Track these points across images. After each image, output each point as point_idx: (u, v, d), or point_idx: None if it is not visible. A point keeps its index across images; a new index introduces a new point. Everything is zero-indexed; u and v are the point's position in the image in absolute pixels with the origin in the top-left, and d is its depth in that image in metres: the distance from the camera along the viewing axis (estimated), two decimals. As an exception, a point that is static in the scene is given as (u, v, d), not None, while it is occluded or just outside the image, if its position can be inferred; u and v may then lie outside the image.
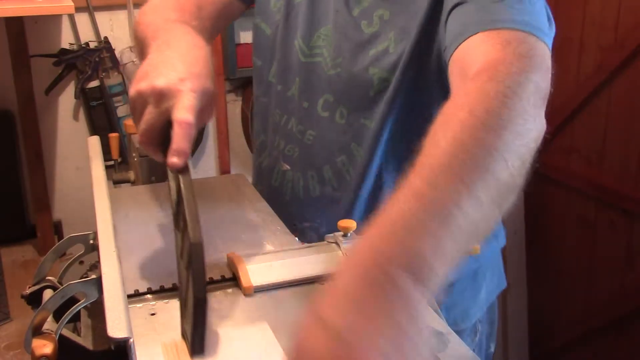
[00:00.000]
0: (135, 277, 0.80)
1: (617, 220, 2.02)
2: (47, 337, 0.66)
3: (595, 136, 2.04)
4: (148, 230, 0.94)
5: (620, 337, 2.08)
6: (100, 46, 2.10)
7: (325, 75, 1.01)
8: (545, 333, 2.34)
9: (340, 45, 0.99)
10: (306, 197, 1.06)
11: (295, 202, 1.08)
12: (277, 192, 1.11)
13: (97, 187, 0.85)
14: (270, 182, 1.13)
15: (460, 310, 1.10)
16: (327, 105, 1.03)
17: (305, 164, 1.07)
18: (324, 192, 1.05)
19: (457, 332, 1.08)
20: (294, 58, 1.05)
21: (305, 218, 1.06)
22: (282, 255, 0.82)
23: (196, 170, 2.39)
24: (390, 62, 0.94)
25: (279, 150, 1.11)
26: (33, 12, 1.84)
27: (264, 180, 1.15)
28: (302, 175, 1.07)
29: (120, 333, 0.54)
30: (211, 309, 0.74)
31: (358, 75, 0.97)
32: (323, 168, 1.05)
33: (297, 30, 1.04)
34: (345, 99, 1.00)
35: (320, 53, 1.02)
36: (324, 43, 1.02)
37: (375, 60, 0.95)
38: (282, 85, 1.08)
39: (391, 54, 0.94)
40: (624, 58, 1.89)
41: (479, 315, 1.14)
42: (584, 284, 2.18)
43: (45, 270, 0.84)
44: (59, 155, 2.19)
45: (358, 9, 0.98)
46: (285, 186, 1.09)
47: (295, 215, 1.06)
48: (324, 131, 1.04)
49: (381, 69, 0.95)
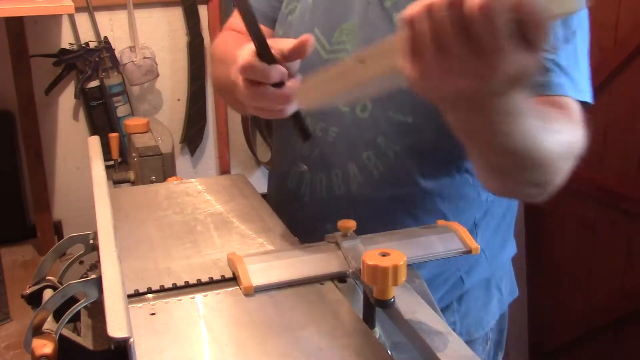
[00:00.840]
0: (135, 277, 0.80)
1: (617, 220, 2.02)
2: (47, 337, 0.66)
3: (595, 136, 2.03)
4: (148, 230, 0.95)
5: (620, 337, 2.08)
6: (100, 46, 2.10)
7: None
8: (545, 333, 2.34)
9: (371, 38, 0.93)
10: (330, 197, 1.04)
11: (315, 203, 1.05)
12: (293, 194, 1.08)
13: (97, 187, 0.85)
14: (286, 185, 1.10)
15: (474, 320, 1.10)
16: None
17: (327, 162, 1.04)
18: (350, 190, 1.02)
19: (470, 342, 1.10)
20: (313, 56, 0.97)
21: (329, 219, 0.99)
22: (282, 255, 0.82)
23: (196, 170, 2.39)
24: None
25: (295, 152, 1.07)
26: (33, 12, 1.84)
27: (280, 185, 1.13)
28: (324, 174, 1.04)
29: (120, 333, 0.54)
30: (211, 308, 0.74)
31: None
32: (348, 165, 1.02)
33: (314, 27, 1.01)
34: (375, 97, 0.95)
35: (344, 49, 0.99)
36: (347, 38, 0.98)
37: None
38: None
39: None
40: (624, 58, 1.88)
41: (491, 324, 1.14)
42: (584, 284, 2.18)
43: (45, 270, 0.84)
44: (59, 155, 2.19)
45: (390, 1, 0.95)
46: (304, 188, 1.06)
47: (317, 217, 1.03)
48: (347, 127, 1.01)
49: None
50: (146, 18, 2.18)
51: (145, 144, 1.56)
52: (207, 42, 2.27)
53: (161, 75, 2.21)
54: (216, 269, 0.82)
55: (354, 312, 0.73)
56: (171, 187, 1.12)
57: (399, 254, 0.66)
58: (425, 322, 0.68)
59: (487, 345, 1.15)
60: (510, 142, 0.71)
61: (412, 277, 0.84)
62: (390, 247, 0.73)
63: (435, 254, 0.84)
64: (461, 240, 0.86)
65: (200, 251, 0.87)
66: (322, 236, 0.96)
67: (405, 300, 0.71)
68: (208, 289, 0.78)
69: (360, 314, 0.73)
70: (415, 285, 0.81)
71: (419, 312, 0.70)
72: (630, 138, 1.92)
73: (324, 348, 0.66)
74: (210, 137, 2.38)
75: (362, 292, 0.74)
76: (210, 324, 0.70)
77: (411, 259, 0.82)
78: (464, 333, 1.10)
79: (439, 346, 0.64)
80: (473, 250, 0.85)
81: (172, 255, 0.86)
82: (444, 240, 0.86)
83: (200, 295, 0.76)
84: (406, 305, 0.71)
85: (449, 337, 0.65)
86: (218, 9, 2.24)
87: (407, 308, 0.70)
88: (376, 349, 0.66)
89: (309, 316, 0.72)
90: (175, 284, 0.78)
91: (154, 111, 2.27)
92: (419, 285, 0.84)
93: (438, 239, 0.86)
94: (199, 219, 0.98)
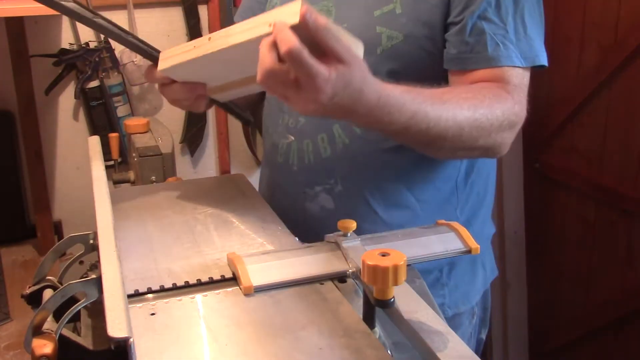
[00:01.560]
0: (135, 277, 0.80)
1: (617, 220, 2.02)
2: (47, 337, 0.66)
3: (595, 136, 2.04)
4: (148, 230, 0.95)
5: (620, 337, 2.08)
6: (100, 46, 2.10)
7: None
8: (545, 333, 2.34)
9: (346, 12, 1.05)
10: (317, 161, 1.10)
11: (304, 170, 1.12)
12: (283, 167, 1.15)
13: (97, 187, 0.85)
14: (275, 160, 1.17)
15: (462, 293, 1.18)
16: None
17: (313, 129, 1.10)
18: (336, 150, 1.09)
19: (458, 314, 1.19)
20: None
21: (317, 182, 1.11)
22: (282, 255, 0.82)
23: (196, 170, 2.39)
24: (399, 23, 1.00)
25: (283, 126, 1.15)
26: (33, 12, 1.83)
27: (270, 162, 1.21)
28: (311, 141, 1.10)
29: (120, 333, 0.54)
30: (211, 308, 0.74)
31: (365, 34, 0.98)
32: (333, 127, 1.09)
33: None
34: None
35: None
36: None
37: (383, 20, 1.01)
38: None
39: (399, 15, 1.01)
40: (624, 58, 1.88)
41: (477, 298, 1.22)
42: (584, 284, 2.18)
43: (45, 270, 0.84)
44: (59, 155, 2.19)
45: None
46: (292, 157, 1.13)
47: (307, 182, 1.12)
48: None
49: (389, 28, 1.01)
50: (146, 18, 2.18)
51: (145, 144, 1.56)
52: (207, 42, 2.27)
53: (161, 75, 2.21)
54: (216, 269, 0.82)
55: (354, 312, 0.73)
56: (171, 187, 1.12)
57: (399, 254, 0.66)
58: (425, 322, 0.68)
59: (473, 319, 1.23)
60: (411, 131, 0.88)
61: (412, 277, 0.84)
62: (390, 247, 0.73)
63: (435, 254, 0.85)
64: (461, 240, 0.86)
65: (200, 251, 0.87)
66: (311, 200, 1.11)
67: (405, 300, 0.71)
68: (208, 289, 0.78)
69: (360, 314, 0.73)
70: (415, 285, 0.81)
71: (419, 312, 0.70)
72: (630, 138, 1.92)
73: (324, 348, 0.66)
74: (210, 137, 2.38)
75: (362, 292, 0.74)
76: (210, 324, 0.70)
77: (411, 259, 0.82)
78: (452, 306, 1.18)
79: (439, 346, 0.64)
80: (473, 250, 0.85)
81: (172, 255, 0.86)
82: (444, 240, 0.86)
83: (200, 295, 0.76)
84: (406, 305, 0.71)
85: (449, 337, 0.65)
86: (218, 9, 2.24)
87: (407, 308, 0.70)
88: (376, 349, 0.66)
89: (309, 316, 0.72)
90: (175, 284, 0.78)
91: (154, 111, 2.27)
92: (419, 285, 0.84)
93: (438, 239, 0.86)
94: (199, 219, 0.98)
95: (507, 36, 0.99)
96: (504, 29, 0.99)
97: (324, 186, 1.11)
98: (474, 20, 0.99)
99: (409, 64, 1.03)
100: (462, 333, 1.24)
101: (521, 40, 1.00)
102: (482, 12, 0.98)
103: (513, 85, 0.99)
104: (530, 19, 1.03)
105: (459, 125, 0.91)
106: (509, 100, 0.97)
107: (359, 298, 0.76)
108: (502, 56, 0.98)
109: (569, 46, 2.05)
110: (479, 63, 0.99)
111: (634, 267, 1.99)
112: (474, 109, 0.92)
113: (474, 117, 0.92)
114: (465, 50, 0.99)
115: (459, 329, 1.22)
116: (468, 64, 1.00)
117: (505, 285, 2.31)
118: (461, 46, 1.00)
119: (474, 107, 0.92)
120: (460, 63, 1.01)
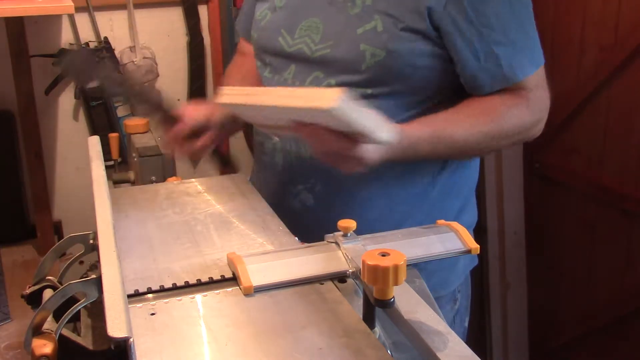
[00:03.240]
0: (135, 277, 0.80)
1: (617, 220, 2.02)
2: (47, 337, 0.66)
3: (595, 136, 2.04)
4: (148, 230, 0.95)
5: (620, 337, 2.08)
6: (100, 46, 2.10)
7: (312, 57, 1.12)
8: (545, 333, 2.34)
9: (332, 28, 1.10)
10: (298, 161, 1.16)
11: (287, 168, 1.18)
12: (270, 165, 1.22)
13: (97, 187, 0.85)
14: (262, 158, 1.25)
15: (440, 278, 1.21)
16: (316, 81, 1.13)
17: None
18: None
19: (437, 298, 1.23)
20: (280, 51, 1.17)
21: (299, 181, 1.17)
22: (282, 255, 0.82)
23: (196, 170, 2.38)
24: (380, 40, 1.05)
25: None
26: (33, 12, 1.84)
27: (258, 159, 1.29)
28: (293, 142, 1.16)
29: (120, 333, 0.54)
30: (211, 308, 0.74)
31: (350, 52, 1.07)
32: None
33: (280, 29, 1.17)
34: (334, 74, 1.10)
35: (303, 42, 1.13)
36: (306, 33, 1.13)
37: (365, 37, 1.06)
38: (278, 76, 1.18)
39: (380, 33, 1.05)
40: (624, 58, 1.88)
41: (457, 284, 1.26)
42: (584, 284, 2.18)
43: (45, 270, 0.84)
44: (59, 155, 2.19)
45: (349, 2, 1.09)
46: (277, 156, 1.19)
47: (290, 181, 1.18)
48: None
49: (372, 45, 1.05)
50: (146, 18, 2.18)
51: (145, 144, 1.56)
52: (207, 42, 2.27)
53: (161, 75, 2.22)
54: (216, 269, 0.82)
55: (354, 312, 0.73)
56: (171, 187, 1.12)
57: (399, 253, 0.66)
58: (425, 322, 0.68)
59: (455, 305, 1.27)
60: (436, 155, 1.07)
61: (412, 277, 0.84)
62: (390, 247, 0.73)
63: (435, 254, 0.85)
64: (461, 240, 0.86)
65: (200, 251, 0.87)
66: (293, 197, 1.18)
67: (405, 300, 0.71)
68: (208, 289, 0.78)
69: (360, 314, 0.73)
70: (415, 285, 0.81)
71: (419, 312, 0.70)
72: (630, 138, 1.92)
73: (324, 348, 0.66)
74: (210, 137, 2.37)
75: (362, 292, 0.74)
76: (210, 324, 0.71)
77: (411, 259, 0.82)
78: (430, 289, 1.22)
79: (439, 346, 0.64)
80: (473, 250, 0.85)
81: (172, 255, 0.86)
82: (443, 240, 0.86)
83: (200, 295, 0.76)
84: (406, 305, 0.71)
85: (449, 337, 0.65)
86: (218, 9, 2.24)
87: (407, 308, 0.70)
88: (376, 349, 0.66)
89: (309, 316, 0.72)
90: (175, 284, 0.78)
91: (154, 111, 2.27)
92: (419, 285, 0.84)
93: (438, 239, 0.86)
94: (199, 219, 0.98)
95: (516, 50, 1.05)
96: (512, 45, 1.05)
97: (305, 185, 1.16)
98: (483, 46, 1.04)
99: (395, 77, 1.07)
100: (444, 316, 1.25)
101: (529, 48, 1.08)
102: (488, 37, 1.04)
103: (529, 90, 1.08)
104: (528, 21, 1.07)
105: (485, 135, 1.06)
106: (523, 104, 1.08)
107: (359, 298, 0.76)
108: (518, 72, 1.06)
109: (569, 46, 2.05)
110: (495, 85, 1.07)
111: (634, 267, 1.99)
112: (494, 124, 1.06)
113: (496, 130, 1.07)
114: (480, 76, 1.06)
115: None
116: (486, 88, 1.07)
117: (505, 285, 2.31)
118: (476, 72, 1.06)
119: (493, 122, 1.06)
120: (478, 89, 1.07)
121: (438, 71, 1.08)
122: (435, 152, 1.04)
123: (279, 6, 1.19)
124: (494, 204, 2.22)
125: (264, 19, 1.21)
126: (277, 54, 1.18)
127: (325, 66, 1.11)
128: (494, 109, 1.07)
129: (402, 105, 1.09)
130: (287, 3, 1.18)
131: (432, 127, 1.03)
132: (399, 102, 1.09)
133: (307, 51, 1.12)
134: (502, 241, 2.27)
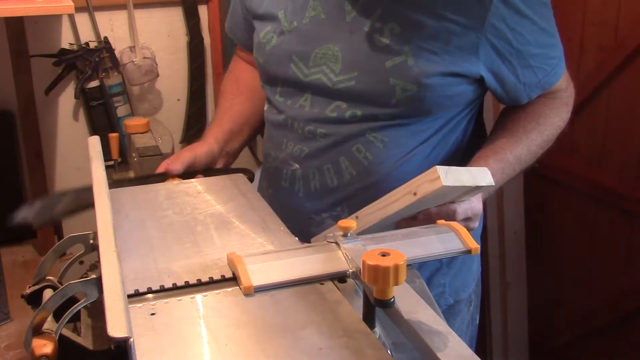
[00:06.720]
0: (135, 277, 0.80)
1: (617, 220, 2.02)
2: (47, 337, 0.66)
3: (595, 136, 2.04)
4: (148, 230, 0.95)
5: (620, 337, 2.08)
6: (100, 46, 2.10)
7: (334, 88, 1.08)
8: (545, 333, 2.34)
9: (357, 60, 1.06)
10: (323, 190, 1.14)
11: (310, 197, 1.15)
12: (288, 191, 1.18)
13: (97, 187, 0.85)
14: (280, 184, 1.19)
15: (461, 280, 1.23)
16: (338, 110, 1.10)
17: (318, 160, 1.13)
18: (343, 181, 1.12)
19: (458, 301, 1.26)
20: (295, 80, 1.13)
21: (324, 209, 1.15)
22: (282, 255, 0.82)
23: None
24: (411, 75, 1.03)
25: (287, 153, 1.17)
26: (33, 12, 1.83)
27: (273, 184, 1.23)
28: (317, 170, 1.13)
29: (120, 333, 0.54)
30: (211, 308, 0.74)
31: (379, 86, 1.05)
32: (339, 159, 1.12)
33: (292, 55, 1.12)
34: (360, 106, 1.08)
35: (319, 70, 1.09)
36: (322, 61, 1.09)
37: (395, 72, 1.03)
38: (291, 101, 1.15)
39: (411, 67, 1.02)
40: (624, 58, 1.88)
41: (472, 285, 1.28)
42: (584, 284, 2.18)
43: (45, 270, 0.84)
44: (59, 155, 2.19)
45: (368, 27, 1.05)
46: (297, 184, 1.16)
47: (312, 208, 1.16)
48: (336, 128, 1.11)
49: (403, 80, 1.03)
50: (146, 18, 2.18)
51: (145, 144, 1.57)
52: (207, 42, 2.27)
53: (161, 75, 2.22)
54: (216, 269, 0.82)
55: (354, 312, 0.73)
56: (171, 187, 1.12)
57: (399, 254, 0.66)
58: (425, 322, 0.68)
59: (470, 306, 1.29)
60: (509, 178, 1.15)
61: (412, 277, 0.84)
62: (390, 247, 0.73)
63: (435, 254, 0.85)
64: (461, 240, 0.86)
65: (200, 251, 0.87)
66: (317, 225, 1.14)
67: (405, 300, 0.71)
68: (208, 289, 0.78)
69: (360, 314, 0.73)
70: (415, 285, 0.81)
71: (419, 312, 0.70)
72: (630, 138, 1.93)
73: (324, 348, 0.66)
74: (210, 137, 2.37)
75: (362, 292, 0.74)
76: (210, 324, 0.71)
77: (411, 259, 0.82)
78: (452, 294, 1.24)
79: (439, 346, 0.64)
80: (473, 250, 0.85)
81: (172, 255, 0.86)
82: (444, 240, 0.86)
83: (200, 295, 0.76)
84: (406, 305, 0.71)
85: (449, 337, 0.65)
86: (218, 9, 2.24)
87: (407, 308, 0.70)
88: (376, 349, 0.66)
89: (309, 316, 0.72)
90: (175, 284, 0.78)
91: (154, 111, 2.28)
92: (419, 285, 0.84)
93: (438, 239, 0.86)
94: (199, 219, 0.98)
95: (549, 57, 1.11)
96: (545, 54, 1.09)
97: (331, 213, 1.14)
98: (521, 62, 1.07)
99: (428, 108, 1.07)
100: (462, 319, 1.26)
101: (558, 49, 1.13)
102: (525, 52, 1.06)
103: (564, 88, 1.15)
104: (551, 21, 1.11)
105: (543, 142, 1.18)
106: (561, 104, 1.17)
107: (359, 298, 0.76)
108: (552, 78, 1.12)
109: (569, 46, 2.04)
110: (533, 95, 1.12)
111: (633, 267, 1.99)
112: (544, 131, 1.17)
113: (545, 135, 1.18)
114: (519, 89, 1.10)
115: (458, 315, 1.25)
116: (525, 99, 1.13)
117: (505, 285, 2.31)
118: (516, 87, 1.09)
119: (542, 131, 1.17)
120: (517, 101, 1.13)
121: (472, 91, 1.09)
122: (509, 177, 1.13)
123: (287, 30, 1.13)
124: (494, 204, 2.22)
125: (269, 42, 1.16)
126: (289, 83, 1.14)
127: (349, 98, 1.08)
128: (541, 114, 1.14)
129: (432, 128, 1.10)
130: (298, 27, 1.12)
131: (501, 154, 1.10)
132: (431, 125, 1.10)
133: (326, 82, 1.09)
134: (502, 241, 2.27)
